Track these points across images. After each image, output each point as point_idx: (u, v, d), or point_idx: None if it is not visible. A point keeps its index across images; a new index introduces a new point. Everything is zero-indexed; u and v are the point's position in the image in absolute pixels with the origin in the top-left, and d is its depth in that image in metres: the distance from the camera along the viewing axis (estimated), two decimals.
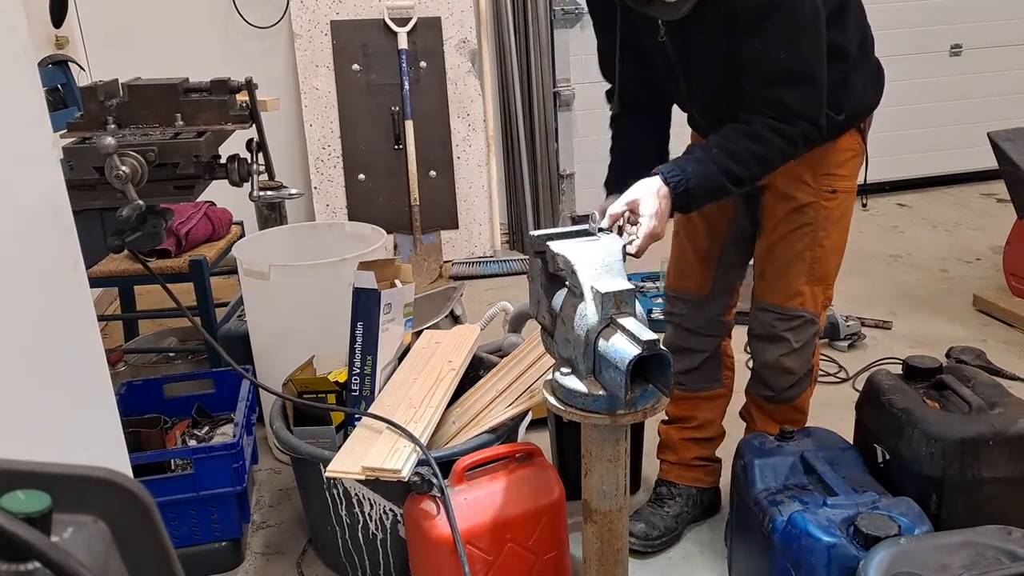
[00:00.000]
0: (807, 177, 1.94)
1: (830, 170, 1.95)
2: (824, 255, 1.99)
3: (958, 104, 5.16)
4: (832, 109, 1.83)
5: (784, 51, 1.68)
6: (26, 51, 0.93)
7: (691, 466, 2.29)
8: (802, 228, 1.97)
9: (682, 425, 2.28)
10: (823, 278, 2.02)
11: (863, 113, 1.97)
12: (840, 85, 1.84)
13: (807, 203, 1.95)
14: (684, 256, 2.17)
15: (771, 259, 2.03)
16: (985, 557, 1.41)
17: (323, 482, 1.98)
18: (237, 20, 4.22)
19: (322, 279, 2.47)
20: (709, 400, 2.25)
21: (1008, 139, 3.43)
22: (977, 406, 1.74)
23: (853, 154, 1.98)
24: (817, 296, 2.02)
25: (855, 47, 1.87)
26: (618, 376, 1.35)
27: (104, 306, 3.88)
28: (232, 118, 1.89)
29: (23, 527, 0.40)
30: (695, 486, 2.29)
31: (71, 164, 1.71)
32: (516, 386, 2.08)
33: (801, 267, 1.99)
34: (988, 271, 3.92)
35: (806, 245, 1.98)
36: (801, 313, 2.02)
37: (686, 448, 2.28)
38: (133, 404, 2.43)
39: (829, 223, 1.97)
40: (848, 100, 1.87)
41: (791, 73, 1.71)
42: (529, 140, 4.48)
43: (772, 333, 2.05)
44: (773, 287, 2.04)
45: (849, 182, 1.99)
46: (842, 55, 1.82)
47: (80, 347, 1.02)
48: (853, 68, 1.88)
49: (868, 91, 1.97)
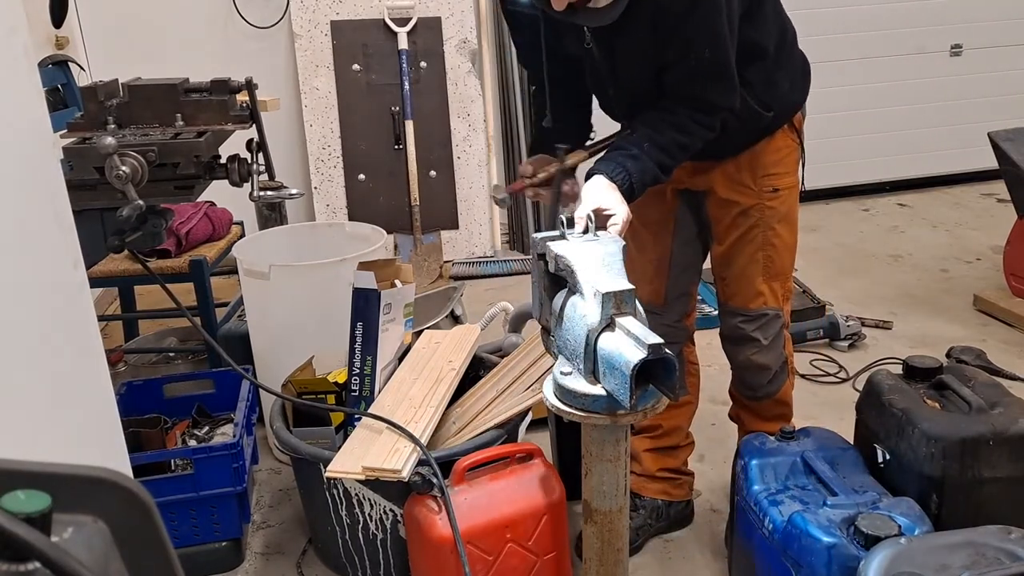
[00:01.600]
0: (747, 180, 1.97)
1: (768, 170, 1.98)
2: (776, 253, 2.02)
3: (958, 104, 5.16)
4: (760, 107, 1.88)
5: (708, 49, 1.71)
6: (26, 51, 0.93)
7: (656, 478, 2.26)
8: (751, 231, 2.00)
9: (647, 436, 2.25)
10: (779, 274, 2.05)
11: (792, 109, 1.99)
12: (765, 83, 1.87)
13: (751, 205, 1.98)
14: (634, 267, 2.15)
15: (727, 264, 2.06)
16: (985, 557, 1.41)
17: (323, 482, 1.98)
18: (237, 20, 4.22)
19: (322, 279, 2.47)
20: (674, 408, 2.19)
21: (1008, 139, 3.43)
22: (977, 406, 1.74)
23: (789, 151, 2.01)
24: (776, 291, 2.06)
25: (773, 44, 1.88)
26: (623, 380, 1.34)
27: (104, 306, 3.88)
28: (232, 118, 1.89)
29: (23, 527, 0.40)
30: (661, 498, 2.26)
31: (71, 164, 1.71)
32: (516, 386, 2.08)
33: (756, 268, 2.03)
34: (988, 271, 3.92)
35: (758, 246, 2.01)
36: (765, 311, 2.06)
37: (651, 460, 2.26)
38: (133, 404, 2.43)
39: (776, 221, 2.00)
40: (775, 98, 1.90)
41: (714, 69, 1.74)
42: (529, 140, 4.48)
43: (740, 334, 2.08)
44: (734, 291, 2.08)
45: (789, 178, 2.02)
46: (762, 54, 1.85)
47: (80, 347, 1.02)
48: (776, 65, 1.90)
49: (796, 88, 2.00)
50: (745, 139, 1.95)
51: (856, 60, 4.98)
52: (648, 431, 2.24)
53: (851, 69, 4.95)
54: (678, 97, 1.78)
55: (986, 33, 5.10)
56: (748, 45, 1.80)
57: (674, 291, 2.13)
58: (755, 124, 1.92)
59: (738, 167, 1.97)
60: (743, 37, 1.78)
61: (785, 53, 1.94)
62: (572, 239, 1.56)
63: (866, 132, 5.06)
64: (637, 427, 2.23)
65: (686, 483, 2.30)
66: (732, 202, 1.99)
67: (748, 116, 1.88)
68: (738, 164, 1.97)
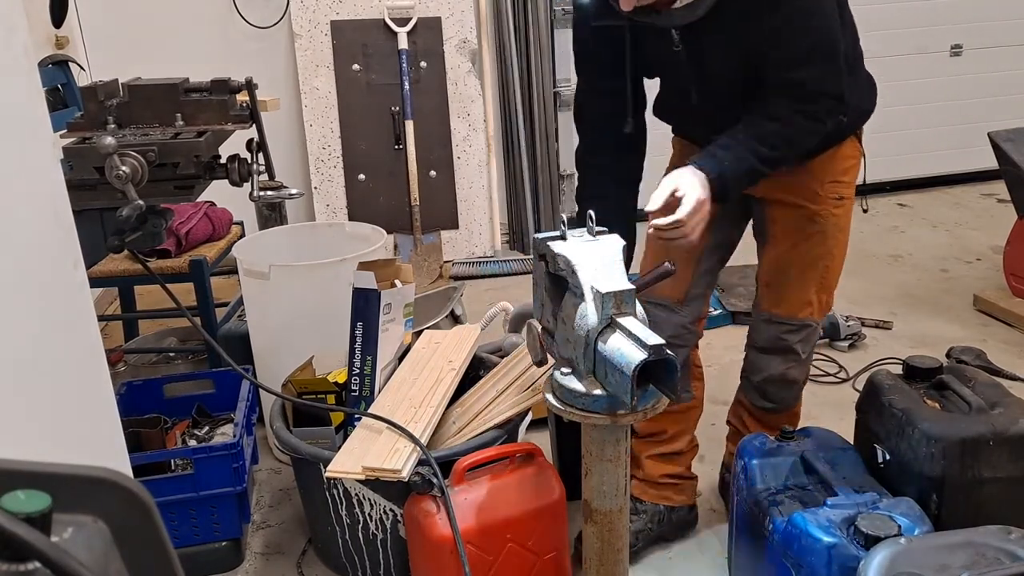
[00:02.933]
0: (815, 186, 1.94)
1: (836, 177, 1.95)
2: (834, 263, 2.00)
3: (958, 104, 5.16)
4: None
5: (802, 29, 1.67)
6: (26, 51, 0.93)
7: (659, 484, 2.20)
8: (815, 237, 1.96)
9: (650, 440, 2.20)
10: (830, 286, 2.03)
11: (862, 118, 1.98)
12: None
13: (818, 212, 1.95)
14: (662, 258, 2.09)
15: (781, 270, 2.01)
16: (985, 557, 1.40)
17: (323, 482, 1.98)
18: (237, 20, 4.22)
19: (322, 279, 2.47)
20: (679, 413, 2.16)
21: (1008, 139, 3.43)
22: (977, 406, 1.74)
23: (854, 161, 1.99)
24: (823, 303, 2.03)
25: (851, 49, 1.86)
26: (624, 381, 1.34)
27: (104, 306, 3.87)
28: (232, 118, 1.89)
29: (23, 527, 0.40)
30: (663, 504, 2.21)
31: (71, 164, 1.71)
32: (516, 386, 2.08)
33: (814, 276, 1.99)
34: (988, 271, 3.92)
35: (819, 254, 1.97)
36: (809, 322, 2.02)
37: (654, 466, 2.20)
38: (133, 404, 2.43)
39: (838, 230, 1.98)
40: (849, 103, 1.85)
41: (810, 51, 1.69)
42: (529, 140, 4.48)
43: (782, 345, 2.03)
44: (782, 298, 2.02)
45: (852, 189, 2.00)
46: (844, 55, 1.81)
47: (80, 347, 1.02)
48: (851, 72, 1.86)
49: (865, 97, 1.97)
50: (820, 142, 1.89)
51: None
52: (652, 436, 2.19)
53: None
54: (775, 89, 1.72)
55: (986, 33, 5.10)
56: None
57: (694, 290, 2.08)
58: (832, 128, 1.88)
59: (809, 172, 1.92)
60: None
61: (859, 61, 1.92)
62: (572, 239, 1.56)
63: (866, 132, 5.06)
64: (641, 432, 2.19)
65: (689, 487, 2.26)
66: (799, 206, 1.95)
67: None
68: (809, 169, 1.92)
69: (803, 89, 1.71)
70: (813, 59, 1.70)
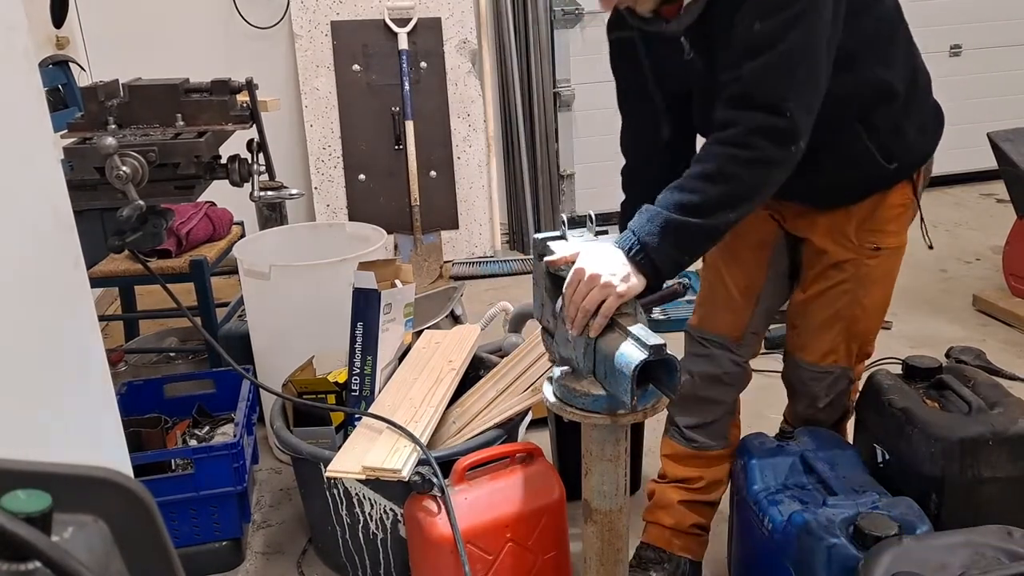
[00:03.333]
0: (849, 231, 1.76)
1: (877, 226, 1.76)
2: (863, 315, 1.82)
3: (958, 104, 5.12)
4: (882, 156, 1.67)
5: (759, 22, 1.43)
6: (26, 51, 0.93)
7: (687, 533, 2.04)
8: (839, 286, 1.80)
9: (685, 487, 2.02)
10: (861, 336, 1.87)
11: (917, 162, 1.77)
12: (890, 130, 1.68)
13: (846, 260, 1.78)
14: (719, 292, 1.92)
15: (805, 315, 1.87)
16: (985, 557, 1.40)
17: (323, 482, 1.98)
18: (237, 20, 4.22)
19: (322, 279, 2.47)
20: (718, 460, 2.00)
21: (1008, 139, 3.43)
22: (977, 406, 1.74)
23: (903, 208, 1.78)
24: (852, 351, 1.87)
25: (904, 87, 1.67)
26: (624, 381, 1.34)
27: (104, 306, 3.88)
28: (232, 118, 1.89)
29: (23, 527, 0.40)
30: (685, 556, 2.04)
31: (72, 164, 1.71)
32: (516, 386, 2.08)
33: (838, 326, 1.83)
34: (988, 271, 3.92)
35: (844, 304, 1.81)
36: (831, 369, 1.88)
37: (685, 513, 2.02)
38: (133, 404, 2.43)
39: (869, 281, 1.80)
40: (900, 147, 1.70)
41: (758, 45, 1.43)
42: (529, 140, 4.48)
43: (803, 390, 1.94)
44: (805, 343, 1.89)
45: (897, 239, 1.80)
46: (891, 96, 1.65)
47: (80, 347, 1.02)
48: (905, 111, 1.69)
49: (926, 139, 1.78)
50: (859, 190, 1.74)
51: None
52: (688, 482, 2.02)
53: None
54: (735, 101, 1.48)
55: (986, 33, 5.10)
56: (876, 84, 1.61)
57: (752, 327, 1.93)
58: (873, 174, 1.71)
59: (847, 217, 1.75)
60: (870, 75, 1.59)
61: (917, 99, 1.73)
62: (572, 239, 1.57)
63: None
64: (671, 476, 2.05)
65: (706, 541, 2.09)
66: (825, 251, 1.79)
67: (867, 164, 1.67)
68: (848, 214, 1.75)
69: (729, 95, 1.47)
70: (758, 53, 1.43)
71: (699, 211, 1.44)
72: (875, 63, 1.61)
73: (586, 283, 1.41)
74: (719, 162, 1.46)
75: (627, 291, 1.42)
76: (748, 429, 2.03)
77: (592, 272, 1.41)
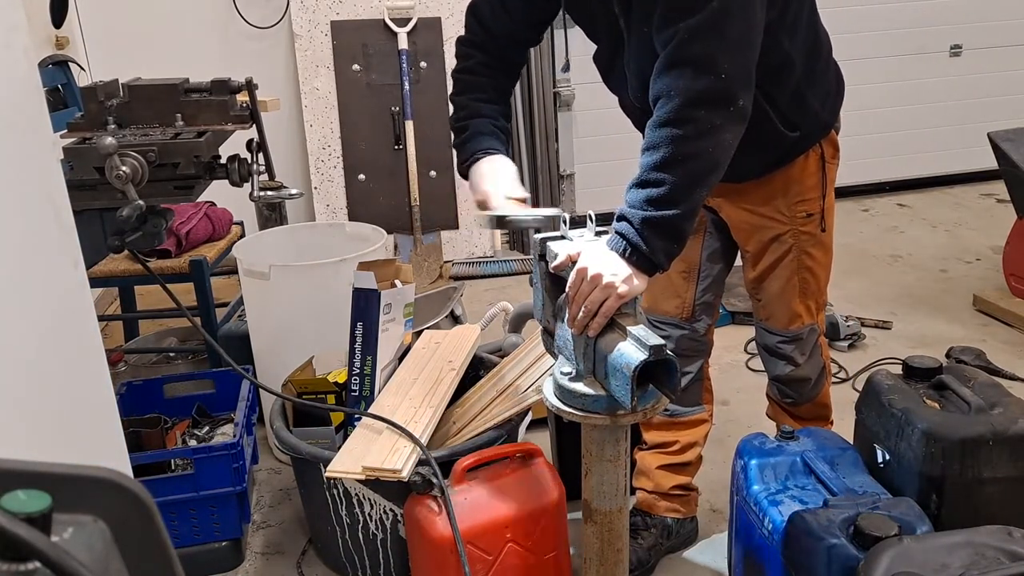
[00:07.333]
0: (780, 206, 1.87)
1: (802, 194, 1.87)
2: (811, 274, 1.95)
3: (958, 104, 5.16)
4: (784, 127, 1.72)
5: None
6: (26, 51, 0.93)
7: (667, 495, 2.19)
8: (785, 257, 1.92)
9: (661, 451, 2.18)
10: (815, 292, 1.98)
11: (821, 130, 1.84)
12: (791, 101, 1.71)
13: (784, 232, 1.89)
14: (660, 279, 1.96)
15: (762, 289, 2.00)
16: (985, 557, 1.40)
17: (323, 482, 1.98)
18: (237, 20, 4.22)
19: (322, 279, 2.47)
20: (691, 425, 2.16)
21: (1008, 139, 3.43)
22: (977, 406, 1.74)
23: (819, 172, 1.87)
24: (812, 308, 1.99)
25: (803, 57, 1.70)
26: (624, 381, 1.34)
27: (104, 306, 3.88)
28: (232, 118, 1.89)
29: (23, 527, 0.40)
30: (670, 516, 2.19)
31: (71, 164, 1.71)
32: (516, 386, 2.08)
33: (792, 292, 1.96)
34: (988, 271, 3.92)
35: (792, 271, 1.93)
36: (800, 333, 2.01)
37: (663, 476, 2.18)
38: (133, 404, 2.43)
39: (810, 244, 1.91)
40: (802, 117, 1.76)
41: (689, 5, 1.42)
42: (529, 140, 4.48)
43: (780, 353, 2.04)
44: (770, 313, 2.02)
45: (823, 201, 1.89)
46: (790, 67, 1.68)
47: (80, 347, 1.02)
48: (807, 82, 1.73)
49: (826, 108, 1.83)
50: (766, 160, 1.82)
51: (856, 60, 4.97)
52: (664, 447, 2.17)
53: (851, 69, 4.88)
54: (667, 64, 1.45)
55: (986, 33, 5.10)
56: (775, 56, 1.62)
57: (701, 303, 2.05)
58: (777, 144, 1.78)
59: (771, 192, 1.84)
60: (774, 44, 1.59)
61: (818, 69, 1.77)
62: (572, 239, 1.56)
63: (866, 132, 5.06)
64: (651, 443, 2.19)
65: (693, 499, 2.25)
66: (763, 227, 1.90)
67: (770, 135, 1.73)
68: (771, 189, 1.84)
69: (662, 60, 1.45)
70: (688, 14, 1.42)
71: (671, 201, 1.44)
72: (781, 32, 1.62)
73: (588, 283, 1.44)
74: (669, 147, 1.44)
75: (628, 292, 1.44)
76: (748, 429, 2.03)
77: (594, 272, 1.43)
